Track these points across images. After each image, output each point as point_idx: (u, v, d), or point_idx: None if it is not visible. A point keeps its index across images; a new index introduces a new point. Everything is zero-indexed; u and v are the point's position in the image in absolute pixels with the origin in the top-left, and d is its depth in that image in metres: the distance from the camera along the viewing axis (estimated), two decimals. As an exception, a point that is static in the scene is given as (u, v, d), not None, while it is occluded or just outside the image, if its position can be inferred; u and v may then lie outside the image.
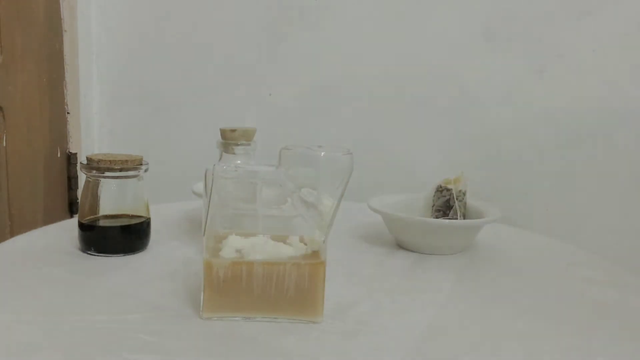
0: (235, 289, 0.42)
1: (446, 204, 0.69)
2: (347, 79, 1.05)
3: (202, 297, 0.42)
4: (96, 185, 0.56)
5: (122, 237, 0.57)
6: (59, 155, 1.08)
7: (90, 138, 1.17)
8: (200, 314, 0.42)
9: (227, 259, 0.41)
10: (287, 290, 0.42)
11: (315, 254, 0.42)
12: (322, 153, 0.41)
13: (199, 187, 0.61)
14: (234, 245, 0.42)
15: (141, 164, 0.57)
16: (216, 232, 0.42)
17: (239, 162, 0.59)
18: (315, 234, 0.42)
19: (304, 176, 0.42)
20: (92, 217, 0.56)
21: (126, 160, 0.55)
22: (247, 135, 0.59)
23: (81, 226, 0.56)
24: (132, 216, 0.58)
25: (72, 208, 1.12)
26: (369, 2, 1.02)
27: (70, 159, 1.10)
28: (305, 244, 0.43)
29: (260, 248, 0.42)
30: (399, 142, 1.02)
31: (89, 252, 0.56)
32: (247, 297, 0.42)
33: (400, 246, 0.65)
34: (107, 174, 0.55)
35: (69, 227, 0.63)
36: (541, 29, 0.93)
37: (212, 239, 0.42)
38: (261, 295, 0.42)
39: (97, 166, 0.55)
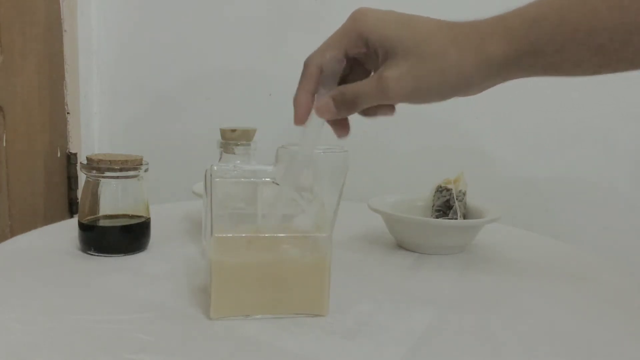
0: (242, 289, 0.42)
1: (446, 204, 0.69)
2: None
3: (210, 298, 0.41)
4: (96, 185, 0.56)
5: (122, 237, 0.57)
6: (59, 155, 1.08)
7: (90, 138, 1.17)
8: (209, 315, 0.42)
9: (233, 258, 0.41)
10: (294, 286, 0.42)
11: (319, 249, 0.42)
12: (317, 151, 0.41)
13: (199, 187, 0.61)
14: (237, 245, 0.42)
15: (141, 164, 0.57)
16: (218, 232, 0.42)
17: (238, 162, 0.59)
18: (318, 229, 0.42)
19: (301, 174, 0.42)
20: (92, 217, 0.56)
21: (126, 160, 0.55)
22: (247, 135, 0.59)
23: (81, 226, 0.56)
24: (132, 216, 0.58)
25: (72, 208, 1.12)
26: (369, 2, 1.02)
27: (70, 159, 1.10)
28: (309, 241, 0.43)
29: (264, 247, 0.42)
30: (399, 141, 1.02)
31: (89, 252, 0.56)
32: (255, 296, 0.42)
33: (400, 246, 0.65)
34: (107, 174, 0.55)
35: (69, 227, 0.63)
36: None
37: (214, 239, 0.41)
38: (268, 293, 0.42)
39: (97, 166, 0.55)
